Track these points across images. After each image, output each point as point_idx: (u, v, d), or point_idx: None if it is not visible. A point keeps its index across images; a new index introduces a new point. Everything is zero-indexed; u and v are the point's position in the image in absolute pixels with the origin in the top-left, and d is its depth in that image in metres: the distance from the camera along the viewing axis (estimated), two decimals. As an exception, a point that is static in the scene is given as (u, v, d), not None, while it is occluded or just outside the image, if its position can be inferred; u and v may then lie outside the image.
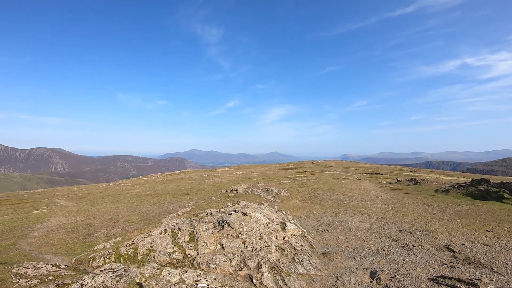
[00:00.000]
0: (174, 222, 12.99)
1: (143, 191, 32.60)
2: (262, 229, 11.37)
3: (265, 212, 13.62)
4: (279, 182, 32.68)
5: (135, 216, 19.23)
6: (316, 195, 24.40)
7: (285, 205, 20.52)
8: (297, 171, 54.92)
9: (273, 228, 11.93)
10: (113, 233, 15.16)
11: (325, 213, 18.10)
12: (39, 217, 21.01)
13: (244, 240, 10.57)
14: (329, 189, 27.80)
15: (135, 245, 10.48)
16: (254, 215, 12.07)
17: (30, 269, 8.17)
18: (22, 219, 20.32)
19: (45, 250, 12.57)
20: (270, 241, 10.83)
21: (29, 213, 22.89)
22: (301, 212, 18.65)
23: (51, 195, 34.73)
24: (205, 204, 21.04)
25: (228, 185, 33.02)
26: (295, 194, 24.89)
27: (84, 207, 24.42)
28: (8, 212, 23.71)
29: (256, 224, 11.50)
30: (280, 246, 10.75)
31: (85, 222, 18.41)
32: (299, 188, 27.94)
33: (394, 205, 20.00)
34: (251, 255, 9.69)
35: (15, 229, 17.19)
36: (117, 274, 7.73)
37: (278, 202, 21.36)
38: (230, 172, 57.84)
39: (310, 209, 19.51)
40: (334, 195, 24.60)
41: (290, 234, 12.17)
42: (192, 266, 9.21)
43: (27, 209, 24.70)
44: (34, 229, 17.32)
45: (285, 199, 22.97)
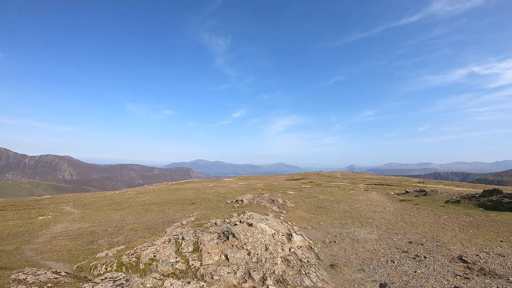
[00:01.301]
0: (178, 231, 12.77)
1: (148, 200, 32.49)
2: (267, 240, 11.07)
3: (271, 223, 13.32)
4: (284, 193, 32.26)
5: (139, 224, 19.05)
6: (322, 206, 23.94)
7: (291, 216, 20.13)
8: (303, 182, 54.31)
9: (279, 239, 11.62)
10: (117, 241, 14.98)
11: (331, 224, 17.69)
12: (44, 223, 20.99)
13: (249, 251, 10.27)
14: (336, 200, 27.28)
15: (137, 254, 10.27)
16: (260, 225, 11.79)
17: (29, 276, 8.00)
18: (27, 224, 20.32)
19: (48, 256, 12.44)
20: (276, 252, 10.52)
21: (35, 219, 22.92)
22: (307, 223, 18.26)
23: (57, 202, 34.88)
24: (210, 214, 20.78)
25: (233, 195, 32.71)
26: (301, 205, 24.45)
27: (89, 214, 24.37)
28: (13, 217, 23.80)
29: (261, 235, 11.21)
30: (286, 257, 10.43)
31: (89, 229, 18.30)
32: (305, 199, 27.49)
33: (403, 216, 19.48)
34: (256, 267, 9.39)
35: (19, 235, 17.15)
36: (118, 283, 7.53)
37: (283, 213, 20.97)
38: (236, 182, 57.52)
39: (317, 220, 19.10)
40: (341, 206, 24.10)
41: (296, 245, 11.84)
42: (195, 277, 8.95)
43: (32, 215, 24.77)
44: (38, 235, 17.25)
45: (291, 210, 22.56)
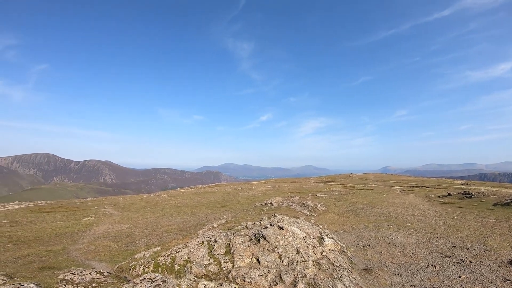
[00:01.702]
0: (210, 234, 13.04)
1: (181, 203, 33.65)
2: (298, 244, 10.91)
3: (302, 226, 13.11)
4: (314, 196, 31.61)
5: (173, 226, 19.78)
6: (355, 209, 23.07)
7: (322, 219, 19.66)
8: (333, 185, 52.83)
9: (310, 243, 11.39)
10: (152, 242, 15.67)
11: (365, 228, 17.00)
12: (88, 224, 22.61)
13: (280, 254, 10.19)
14: (369, 203, 26.14)
15: (173, 256, 10.64)
16: (291, 229, 11.65)
17: (76, 275, 8.60)
18: (73, 225, 22.03)
19: (91, 256, 13.33)
20: (307, 255, 10.33)
21: (79, 220, 24.80)
22: (339, 226, 17.72)
23: (99, 204, 37.44)
24: (240, 216, 20.97)
25: (262, 198, 32.74)
26: (332, 208, 23.78)
27: (128, 216, 25.82)
28: (61, 218, 25.95)
29: (292, 238, 11.07)
30: (317, 261, 10.20)
31: (127, 231, 19.36)
32: (336, 202, 26.70)
33: (446, 220, 18.14)
34: (287, 270, 9.29)
35: (66, 235, 18.62)
36: (155, 284, 7.84)
37: (314, 216, 20.54)
38: (264, 185, 57.55)
39: (349, 223, 18.46)
40: (375, 209, 23.04)
41: (328, 249, 11.54)
42: (227, 279, 9.05)
43: (78, 216, 26.82)
44: (83, 235, 18.61)
45: (321, 213, 22.03)
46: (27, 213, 29.59)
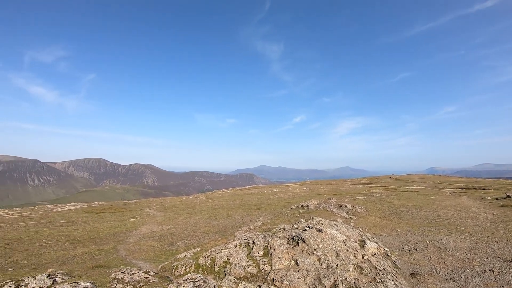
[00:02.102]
0: (247, 235, 13.14)
1: (217, 205, 34.51)
2: (338, 247, 10.51)
3: (341, 229, 12.62)
4: (353, 198, 30.31)
5: (210, 228, 20.32)
6: (398, 212, 21.65)
7: (362, 222, 18.77)
8: (373, 187, 50.25)
9: (351, 246, 10.92)
10: (192, 243, 16.23)
11: (411, 232, 15.93)
12: (134, 224, 24.18)
13: (319, 257, 9.90)
14: (415, 205, 24.35)
15: (213, 257, 10.90)
16: (330, 231, 11.28)
17: (126, 275, 9.21)
18: (121, 225, 23.72)
19: (137, 256, 14.18)
20: (348, 259, 9.91)
21: (127, 220, 26.62)
22: (382, 230, 16.80)
23: (144, 206, 39.92)
24: (276, 219, 20.85)
25: (297, 200, 32.25)
26: (373, 211, 22.58)
27: (169, 217, 27.13)
28: (111, 219, 28.10)
29: (332, 241, 10.70)
30: (358, 264, 9.75)
31: (169, 231, 20.32)
32: (377, 205, 25.29)
33: (506, 223, 16.30)
34: (327, 273, 9.00)
35: (115, 235, 20.08)
36: (197, 284, 8.09)
37: (353, 219, 19.68)
38: (299, 187, 56.71)
39: (393, 227, 17.40)
40: (422, 212, 21.42)
41: (370, 252, 10.97)
42: (266, 281, 9.01)
43: (125, 217, 28.84)
44: (130, 235, 19.93)
45: (361, 216, 21.03)
46: (82, 214, 32.59)
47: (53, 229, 22.45)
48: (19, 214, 32.74)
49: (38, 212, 35.47)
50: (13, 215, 31.93)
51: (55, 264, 12.85)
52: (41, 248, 16.21)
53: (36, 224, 24.94)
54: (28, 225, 24.36)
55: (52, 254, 14.85)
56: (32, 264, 13.06)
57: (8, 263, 13.22)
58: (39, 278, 8.16)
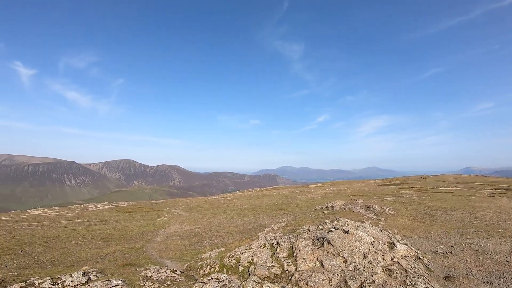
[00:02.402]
0: (271, 236, 13.06)
1: (241, 205, 34.74)
2: (366, 249, 10.13)
3: (369, 230, 12.15)
4: (380, 199, 29.12)
5: (234, 228, 20.47)
6: (431, 214, 20.48)
7: (391, 224, 17.99)
8: (402, 187, 48.02)
9: (379, 248, 10.49)
10: (216, 243, 16.43)
11: (446, 234, 15.08)
12: (162, 224, 24.99)
13: (346, 259, 9.60)
14: (450, 207, 22.90)
15: (237, 257, 10.95)
16: (357, 233, 10.91)
17: (154, 273, 9.54)
18: (149, 225, 24.61)
19: (164, 254, 14.61)
20: (376, 261, 9.53)
21: (154, 220, 27.58)
22: (413, 232, 16.03)
23: (170, 205, 41.18)
24: (300, 220, 20.55)
25: (322, 201, 31.60)
26: (403, 212, 21.54)
27: (194, 217, 27.74)
28: (140, 218, 29.25)
29: (359, 242, 10.34)
30: (387, 267, 9.35)
31: (194, 231, 20.75)
32: (407, 206, 24.09)
33: (552, 226, 14.85)
34: (353, 275, 8.71)
35: (144, 234, 20.85)
36: (222, 284, 8.16)
37: (382, 221, 18.91)
38: (323, 188, 55.56)
39: (425, 229, 16.53)
40: (458, 214, 20.11)
41: (400, 255, 10.48)
42: (290, 282, 8.89)
43: (153, 216, 29.90)
44: (157, 234, 20.61)
45: (390, 217, 20.15)
46: (114, 213, 34.28)
47: (88, 227, 23.80)
48: (57, 213, 35.14)
49: (75, 211, 37.85)
50: (52, 214, 34.33)
51: (89, 262, 13.58)
52: (77, 246, 17.23)
53: (72, 223, 26.59)
54: (65, 224, 26.04)
55: (87, 252, 15.73)
56: (68, 261, 13.91)
57: (46, 260, 14.19)
58: (75, 275, 8.68)
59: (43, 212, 38.09)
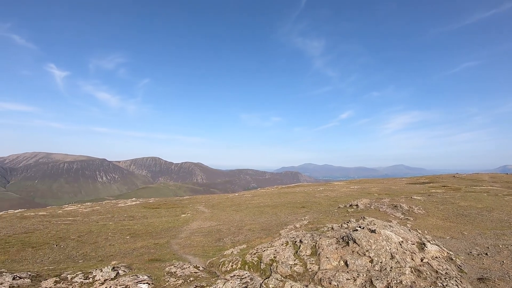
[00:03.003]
0: (294, 234, 12.89)
1: (262, 202, 34.74)
2: (393, 248, 9.69)
3: (396, 230, 11.62)
4: (409, 198, 27.80)
5: (255, 225, 20.48)
6: (465, 214, 19.24)
7: (421, 224, 17.14)
8: (433, 186, 45.62)
9: (408, 248, 10.00)
10: (238, 240, 16.52)
11: (481, 235, 14.19)
12: (185, 220, 25.61)
13: (372, 258, 9.24)
14: (485, 207, 21.38)
15: (259, 254, 10.91)
16: (384, 232, 10.45)
17: (178, 269, 9.78)
18: (174, 221, 25.31)
19: (187, 250, 14.92)
20: (404, 261, 9.09)
21: (179, 216, 28.34)
22: (444, 232, 15.21)
23: (193, 202, 42.16)
24: (323, 218, 20.14)
25: (345, 199, 30.79)
26: (434, 212, 20.43)
27: (216, 214, 28.14)
28: (165, 214, 30.19)
29: (386, 242, 9.90)
30: (416, 268, 8.92)
31: (216, 228, 21.04)
32: (438, 206, 22.79)
33: None
34: (379, 275, 8.37)
35: (169, 230, 21.46)
36: (244, 281, 8.15)
37: (410, 220, 18.07)
38: (347, 186, 54.17)
39: (458, 229, 15.60)
40: (494, 214, 18.77)
41: (430, 255, 9.95)
42: (313, 281, 8.70)
43: (177, 213, 30.74)
44: (181, 230, 21.13)
45: (419, 217, 19.19)
46: (141, 209, 35.69)
47: (117, 223, 24.96)
48: (90, 209, 37.23)
49: (105, 206, 39.90)
50: (85, 209, 36.43)
51: (117, 256, 14.20)
52: (107, 241, 18.09)
53: (103, 218, 28.02)
54: (97, 219, 27.49)
55: (116, 247, 16.47)
56: (99, 256, 14.63)
57: (79, 255, 15.02)
58: (105, 270, 9.14)
59: (77, 207, 40.53)
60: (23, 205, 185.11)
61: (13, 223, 24.81)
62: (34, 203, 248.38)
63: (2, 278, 8.17)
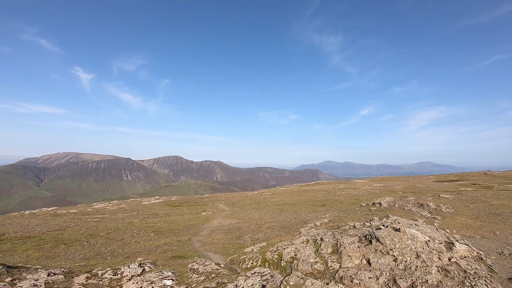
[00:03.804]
0: (314, 232, 12.79)
1: (281, 200, 34.65)
2: (419, 247, 9.36)
3: (422, 229, 11.19)
4: (436, 196, 26.58)
5: (275, 223, 20.49)
6: (497, 213, 18.13)
7: (449, 223, 16.38)
8: (462, 184, 43.30)
9: (435, 248, 9.60)
10: (258, 237, 16.62)
11: (515, 234, 13.20)
12: (206, 218, 26.11)
13: (396, 257, 8.98)
14: (521, 206, 19.99)
15: (279, 252, 10.94)
16: (409, 231, 10.11)
17: (200, 266, 10.05)
18: (195, 218, 25.89)
19: (209, 248, 15.22)
20: (430, 261, 8.76)
21: (199, 214, 28.93)
22: (475, 231, 14.45)
23: (214, 200, 42.87)
24: (344, 216, 19.77)
25: (367, 197, 29.99)
26: (463, 211, 19.41)
27: (236, 212, 28.44)
28: (187, 212, 30.94)
29: (411, 241, 9.58)
30: (443, 267, 8.56)
31: (236, 225, 21.27)
32: (468, 204, 21.62)
33: None
34: (403, 274, 8.14)
35: (191, 227, 21.97)
36: (264, 278, 8.22)
37: (438, 219, 17.31)
38: (369, 184, 52.70)
39: (489, 229, 14.77)
40: (531, 214, 17.49)
41: (459, 255, 9.51)
42: (334, 279, 8.60)
43: (198, 211, 31.40)
44: (202, 228, 21.57)
45: (448, 216, 18.32)
46: (164, 207, 36.82)
47: (142, 220, 25.92)
48: (116, 206, 38.93)
49: (131, 204, 41.55)
50: (112, 207, 38.13)
51: (143, 253, 14.76)
52: (132, 238, 18.85)
53: (129, 216, 29.21)
54: (123, 217, 28.70)
55: (141, 244, 17.12)
56: (126, 252, 15.27)
57: (107, 251, 15.75)
58: (132, 266, 9.59)
59: (105, 205, 42.52)
60: (55, 203, 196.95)
61: (47, 220, 26.45)
62: (65, 201, 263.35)
63: (37, 275, 8.68)
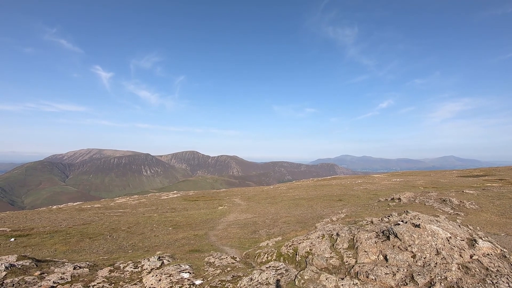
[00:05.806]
0: (330, 227, 12.66)
1: (297, 195, 34.51)
2: (440, 244, 9.04)
3: (444, 225, 10.79)
4: (460, 192, 25.53)
5: (291, 218, 20.47)
6: (526, 210, 17.17)
7: (472, 219, 15.72)
8: (488, 179, 41.28)
9: (456, 244, 9.24)
10: (273, 232, 16.68)
11: (542, 232, 12.48)
12: (222, 212, 26.50)
13: (414, 254, 8.74)
14: (553, 203, 18.83)
15: (295, 246, 10.95)
16: (429, 227, 9.78)
17: (216, 259, 10.25)
18: (211, 213, 26.34)
19: (225, 242, 15.48)
20: (451, 258, 8.45)
21: (216, 208, 29.40)
22: (499, 228, 13.83)
23: (230, 195, 43.38)
24: (361, 211, 19.44)
25: (386, 192, 29.26)
26: (488, 207, 18.56)
27: (252, 207, 28.66)
28: (203, 206, 31.52)
29: (431, 237, 9.26)
30: (464, 264, 8.22)
31: (252, 220, 21.45)
32: (494, 200, 20.62)
33: None
34: (422, 271, 7.90)
35: (207, 221, 22.39)
36: (279, 272, 8.27)
37: (461, 216, 16.64)
38: (388, 178, 51.33)
39: (515, 226, 13.98)
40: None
41: (481, 252, 9.09)
42: (349, 274, 8.51)
43: (215, 205, 31.91)
44: (218, 222, 21.92)
45: (471, 212, 17.59)
46: (182, 201, 37.71)
47: (161, 214, 26.70)
48: (137, 201, 40.29)
49: (150, 199, 42.87)
50: (132, 202, 39.51)
51: (161, 247, 15.23)
52: (152, 232, 19.46)
53: (149, 210, 30.17)
54: (143, 211, 29.68)
55: (160, 238, 17.65)
56: (146, 246, 15.81)
57: (128, 245, 16.35)
58: (152, 260, 9.97)
59: (126, 200, 44.12)
60: (80, 198, 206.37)
61: (72, 215, 27.80)
62: (89, 196, 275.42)
63: (64, 268, 9.21)
